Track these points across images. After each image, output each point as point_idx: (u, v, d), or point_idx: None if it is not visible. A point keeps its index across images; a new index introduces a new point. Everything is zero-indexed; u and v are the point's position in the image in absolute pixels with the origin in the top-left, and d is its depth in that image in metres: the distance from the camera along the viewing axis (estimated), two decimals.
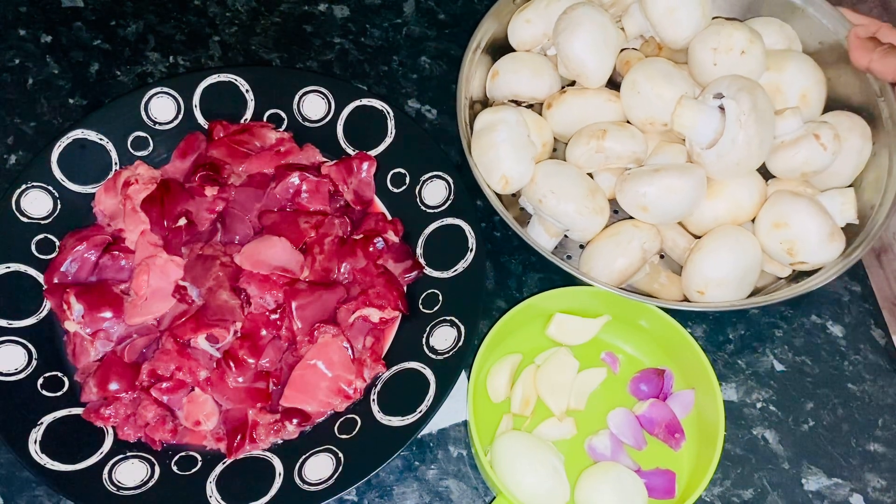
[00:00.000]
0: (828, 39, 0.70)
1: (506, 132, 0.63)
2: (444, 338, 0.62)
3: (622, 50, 0.71)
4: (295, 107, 0.72)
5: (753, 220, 0.65)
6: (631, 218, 0.65)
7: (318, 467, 0.59)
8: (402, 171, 0.70)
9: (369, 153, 0.71)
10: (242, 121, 0.72)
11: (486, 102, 0.72)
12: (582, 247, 0.68)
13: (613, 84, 0.69)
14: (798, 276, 0.65)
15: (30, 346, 0.63)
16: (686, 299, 0.64)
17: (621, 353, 0.65)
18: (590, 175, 0.67)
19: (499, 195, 0.65)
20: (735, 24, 0.65)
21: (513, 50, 0.73)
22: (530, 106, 0.72)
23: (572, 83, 0.72)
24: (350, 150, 0.72)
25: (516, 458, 0.57)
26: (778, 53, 0.68)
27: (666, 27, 0.66)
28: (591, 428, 0.62)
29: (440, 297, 0.65)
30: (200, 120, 0.72)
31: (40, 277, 0.65)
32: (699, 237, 0.65)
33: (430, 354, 0.62)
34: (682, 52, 0.69)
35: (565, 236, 0.68)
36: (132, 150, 0.70)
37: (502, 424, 0.61)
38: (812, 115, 0.67)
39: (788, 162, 0.64)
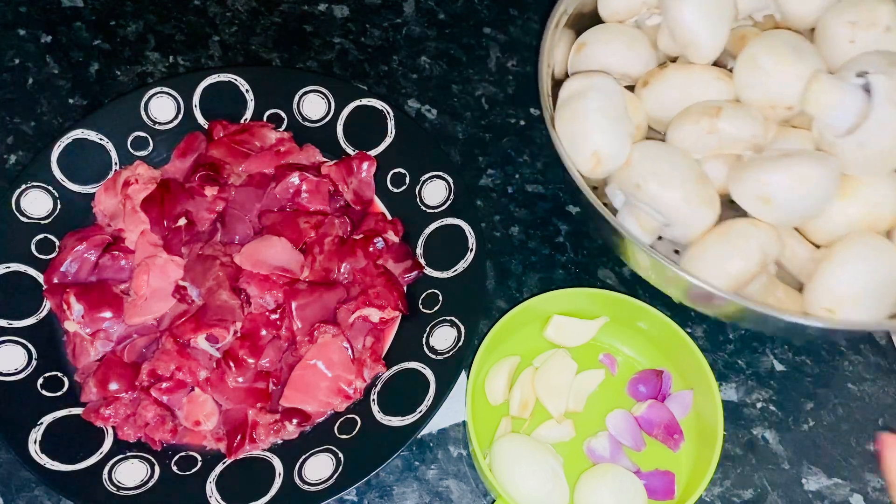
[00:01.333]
0: None
1: (599, 100, 0.54)
2: (444, 338, 0.62)
3: (734, 28, 0.60)
4: (295, 107, 0.72)
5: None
6: (744, 216, 0.55)
7: (318, 467, 0.58)
8: (402, 171, 0.70)
9: (369, 153, 0.71)
10: (242, 121, 0.72)
11: (561, 84, 0.62)
12: (677, 252, 0.59)
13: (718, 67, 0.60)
14: None
15: (30, 346, 0.63)
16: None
17: (619, 354, 0.65)
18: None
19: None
20: None
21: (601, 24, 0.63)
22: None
23: (673, 61, 0.62)
24: (350, 150, 0.72)
25: (515, 461, 0.57)
26: None
27: None
28: (589, 430, 0.61)
29: (440, 297, 0.65)
30: (200, 120, 0.72)
31: (40, 277, 0.65)
32: (820, 247, 0.55)
33: (430, 354, 0.62)
34: (805, 33, 0.58)
35: (658, 237, 0.59)
36: (132, 150, 0.70)
37: (501, 427, 0.61)
38: None
39: None
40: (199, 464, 0.60)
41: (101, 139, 0.69)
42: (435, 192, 0.69)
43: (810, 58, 0.54)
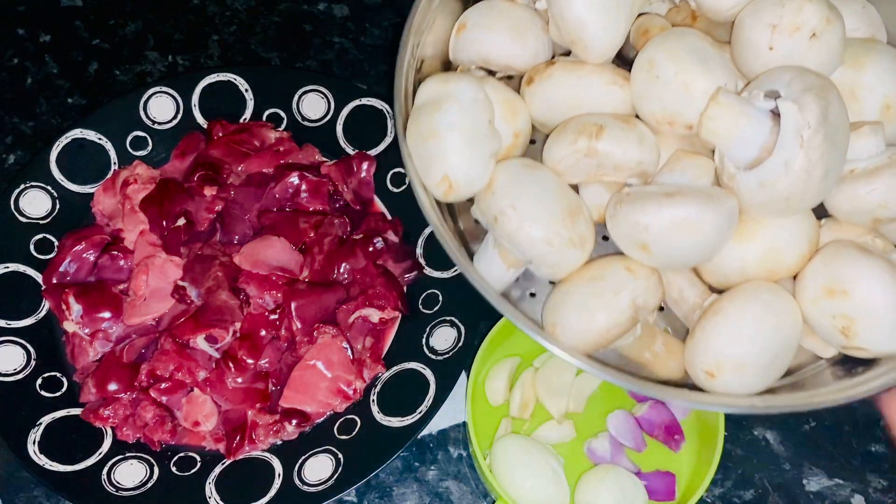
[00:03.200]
0: None
1: (457, 114, 0.44)
2: (444, 338, 0.62)
3: (640, 15, 0.50)
4: (294, 106, 0.72)
5: (795, 277, 0.45)
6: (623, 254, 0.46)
7: (318, 468, 0.58)
8: (402, 170, 0.70)
9: (369, 153, 0.70)
10: (242, 120, 0.72)
11: (449, 67, 0.52)
12: (553, 282, 0.48)
13: (624, 61, 0.49)
14: (847, 361, 0.46)
15: (28, 346, 0.62)
16: (688, 378, 0.46)
17: None
18: (574, 187, 0.47)
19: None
20: None
21: None
22: (509, 78, 0.52)
23: (567, 53, 0.51)
24: (350, 150, 0.71)
25: (516, 462, 0.56)
26: (856, 44, 0.47)
27: None
28: (590, 430, 0.61)
29: (440, 297, 0.65)
30: (199, 119, 0.72)
31: (39, 277, 0.65)
32: (717, 290, 0.46)
33: (429, 355, 0.62)
34: (724, 27, 0.48)
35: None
36: (131, 150, 0.70)
37: (501, 428, 0.60)
38: None
39: (858, 201, 0.44)
40: (199, 464, 0.60)
41: (100, 139, 0.69)
42: None
43: (718, 69, 0.44)
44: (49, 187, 0.67)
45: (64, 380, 0.62)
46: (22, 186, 0.66)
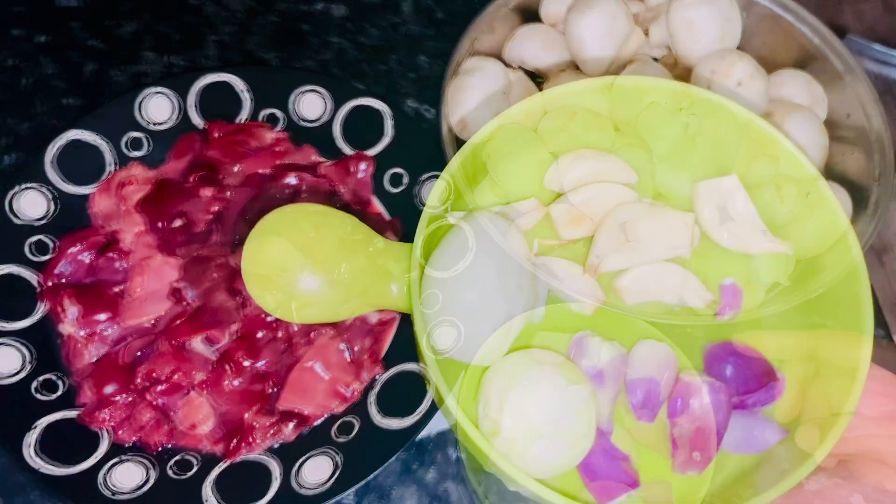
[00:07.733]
0: (856, 118, 0.66)
1: (479, 79, 0.65)
2: (444, 338, 0.62)
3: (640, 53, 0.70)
4: (292, 106, 0.72)
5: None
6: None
7: (316, 470, 0.58)
8: (401, 170, 0.70)
9: (367, 153, 0.70)
10: (239, 121, 0.72)
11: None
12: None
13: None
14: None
15: (24, 348, 0.62)
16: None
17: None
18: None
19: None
20: (742, 55, 0.64)
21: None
22: (538, 79, 0.71)
23: (576, 67, 0.71)
24: (348, 150, 0.71)
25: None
26: (790, 105, 0.67)
27: (681, 40, 0.66)
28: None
29: (440, 297, 0.64)
30: (197, 120, 0.71)
31: (35, 279, 0.65)
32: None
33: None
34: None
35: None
36: (128, 151, 0.70)
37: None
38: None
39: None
40: (197, 466, 0.59)
41: (96, 140, 0.69)
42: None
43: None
44: (45, 189, 0.67)
45: (60, 382, 0.62)
46: (18, 188, 0.66)
